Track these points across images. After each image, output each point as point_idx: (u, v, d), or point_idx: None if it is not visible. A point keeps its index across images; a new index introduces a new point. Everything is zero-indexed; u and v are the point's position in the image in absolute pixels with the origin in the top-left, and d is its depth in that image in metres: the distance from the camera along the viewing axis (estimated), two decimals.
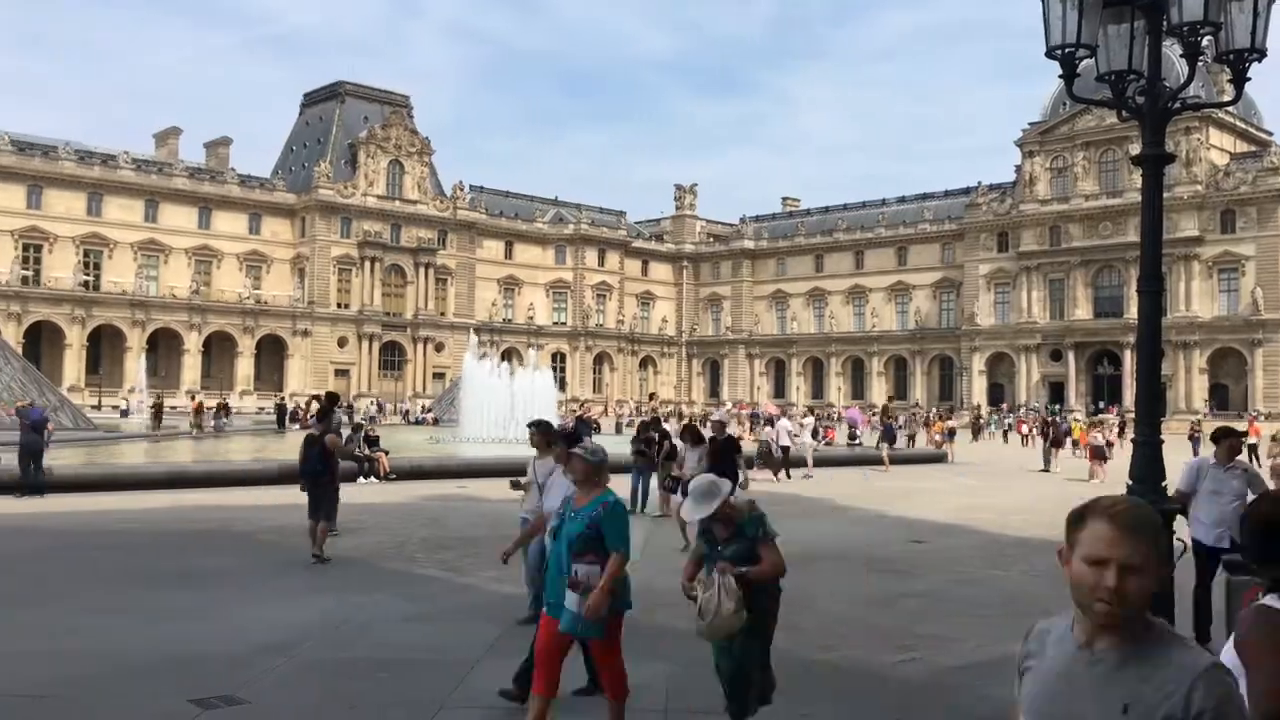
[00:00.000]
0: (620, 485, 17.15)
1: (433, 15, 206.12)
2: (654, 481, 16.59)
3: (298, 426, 40.49)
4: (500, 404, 35.41)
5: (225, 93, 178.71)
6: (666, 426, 20.55)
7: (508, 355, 72.12)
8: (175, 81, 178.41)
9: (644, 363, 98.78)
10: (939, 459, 32.90)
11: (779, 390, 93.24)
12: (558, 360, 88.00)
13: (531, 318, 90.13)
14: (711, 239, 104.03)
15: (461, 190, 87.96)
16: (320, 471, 11.58)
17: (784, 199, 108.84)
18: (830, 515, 17.01)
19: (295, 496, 16.62)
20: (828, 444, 36.04)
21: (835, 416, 41.73)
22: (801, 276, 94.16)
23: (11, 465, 17.26)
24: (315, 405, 22.75)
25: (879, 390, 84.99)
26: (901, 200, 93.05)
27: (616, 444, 19.02)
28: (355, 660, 7.12)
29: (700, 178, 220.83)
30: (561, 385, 71.07)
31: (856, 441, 36.26)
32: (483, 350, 52.94)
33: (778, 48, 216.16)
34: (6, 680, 6.38)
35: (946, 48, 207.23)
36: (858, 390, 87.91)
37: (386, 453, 21.45)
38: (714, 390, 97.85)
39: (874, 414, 64.30)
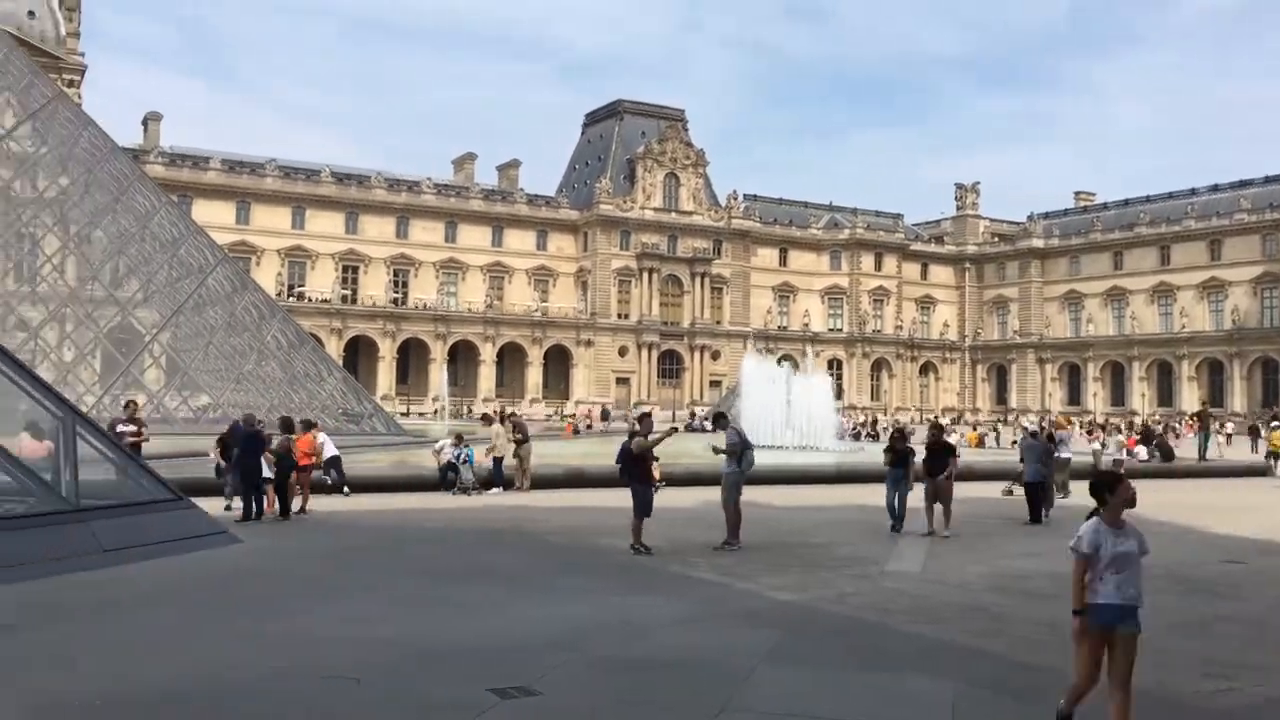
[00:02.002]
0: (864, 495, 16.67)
1: (712, 30, 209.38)
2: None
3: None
4: (777, 411, 35.42)
5: (515, 118, 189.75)
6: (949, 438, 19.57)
7: (783, 362, 71.91)
8: (472, 111, 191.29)
9: (924, 369, 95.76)
10: (1261, 472, 29.81)
11: (1073, 397, 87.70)
12: (834, 367, 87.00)
13: (807, 324, 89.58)
14: (996, 239, 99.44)
15: (735, 199, 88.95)
16: (630, 472, 12.85)
17: (1076, 193, 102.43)
18: None
19: (580, 499, 17.29)
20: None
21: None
22: (1097, 275, 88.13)
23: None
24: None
25: (1190, 396, 78.07)
26: (1214, 189, 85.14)
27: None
28: (639, 660, 7.33)
29: (983, 176, 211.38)
30: (838, 392, 70.10)
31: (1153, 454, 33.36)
32: (758, 358, 53.10)
33: (1074, 36, 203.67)
34: (330, 663, 7.05)
35: (1262, 23, 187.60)
36: (1164, 397, 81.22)
37: (658, 459, 22.01)
38: (1000, 397, 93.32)
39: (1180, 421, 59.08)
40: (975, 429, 51.92)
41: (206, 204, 69.78)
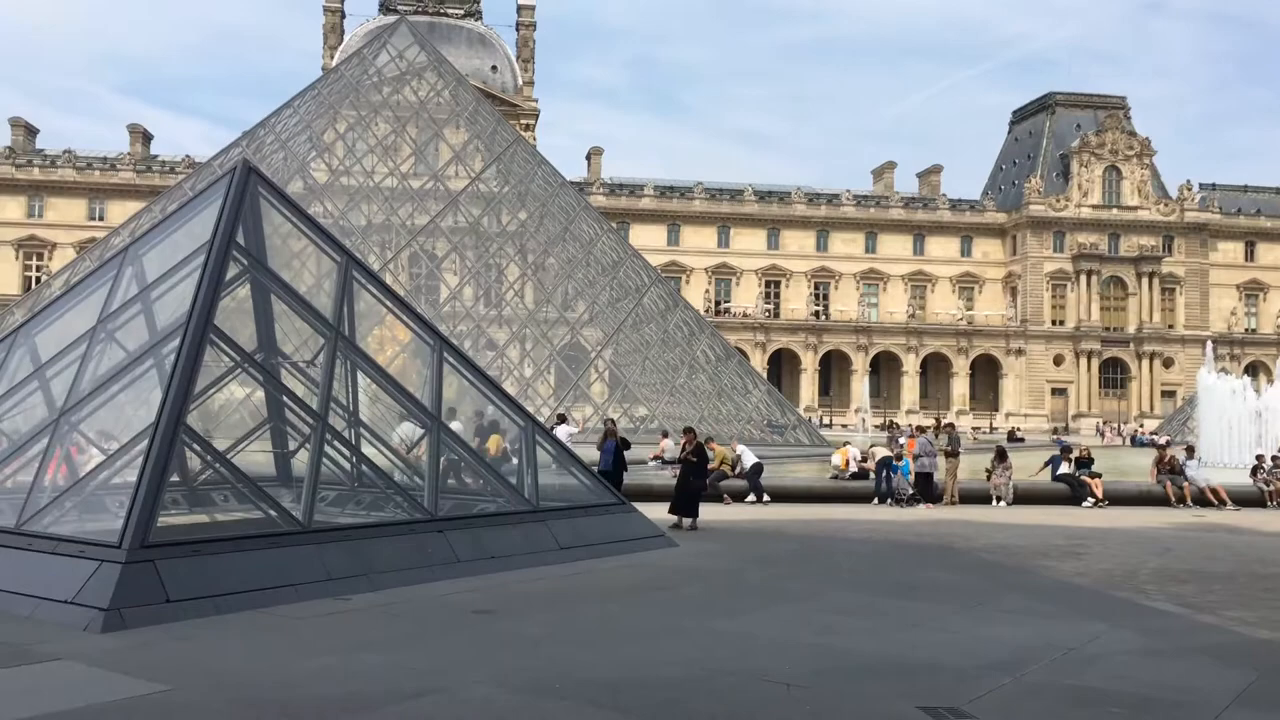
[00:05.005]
0: None
1: (1172, 8, 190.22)
2: None
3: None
4: (1244, 426, 31.63)
5: (936, 123, 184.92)
6: None
7: (1252, 370, 63.84)
8: (892, 120, 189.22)
9: None
10: None
11: None
12: None
13: None
14: None
15: (1189, 190, 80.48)
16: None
17: None
18: None
19: (1003, 516, 16.50)
20: None
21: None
22: None
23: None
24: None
25: None
26: None
27: None
28: (1084, 689, 6.83)
29: None
30: None
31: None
32: (1220, 365, 47.54)
33: None
34: (764, 666, 7.27)
35: None
36: None
37: (1099, 476, 20.66)
38: None
39: None
40: None
41: (641, 228, 74.95)
